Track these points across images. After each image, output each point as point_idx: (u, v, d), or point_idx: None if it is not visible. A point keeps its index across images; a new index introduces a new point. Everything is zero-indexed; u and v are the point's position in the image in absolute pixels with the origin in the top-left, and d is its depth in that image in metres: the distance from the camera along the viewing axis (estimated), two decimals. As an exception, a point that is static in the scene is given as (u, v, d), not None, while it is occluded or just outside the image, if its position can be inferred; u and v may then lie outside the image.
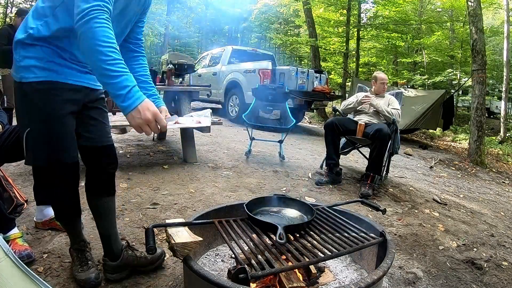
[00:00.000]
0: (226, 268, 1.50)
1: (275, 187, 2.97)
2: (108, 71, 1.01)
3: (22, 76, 1.22)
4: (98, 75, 1.06)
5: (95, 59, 1.01)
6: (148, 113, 1.05)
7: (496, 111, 16.52)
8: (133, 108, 1.04)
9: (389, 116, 3.28)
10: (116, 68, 1.02)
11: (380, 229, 1.46)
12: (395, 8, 11.78)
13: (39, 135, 1.26)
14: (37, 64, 1.21)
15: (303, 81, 6.77)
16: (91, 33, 1.01)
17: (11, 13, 14.64)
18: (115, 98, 1.04)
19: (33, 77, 1.21)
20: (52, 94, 1.25)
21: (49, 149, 1.28)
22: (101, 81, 1.06)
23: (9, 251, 1.03)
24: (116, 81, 1.02)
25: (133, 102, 1.04)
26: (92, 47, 1.00)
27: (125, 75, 1.03)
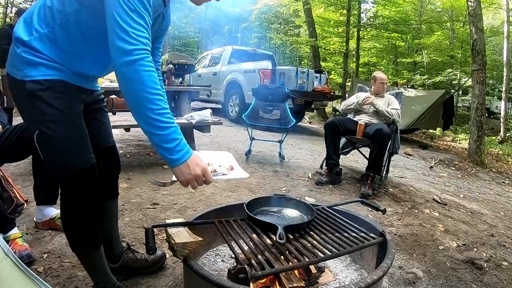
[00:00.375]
0: (226, 268, 1.50)
1: (275, 187, 2.97)
2: (156, 121, 0.95)
3: (26, 73, 1.10)
4: (142, 123, 0.98)
5: (142, 106, 0.95)
6: (198, 168, 1.03)
7: (496, 111, 16.52)
8: (182, 162, 1.00)
9: (389, 116, 3.29)
10: (165, 119, 0.97)
11: (380, 229, 1.46)
12: (395, 8, 11.79)
13: (50, 137, 1.14)
14: (44, 62, 1.11)
15: (303, 81, 6.77)
16: (138, 78, 0.94)
17: (11, 13, 14.63)
18: (161, 150, 0.99)
19: (40, 75, 1.11)
20: (64, 92, 1.15)
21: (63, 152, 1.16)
22: (146, 130, 0.98)
23: (9, 251, 1.03)
24: (165, 133, 0.97)
25: (182, 156, 1.00)
26: (139, 93, 0.94)
27: (173, 126, 0.98)
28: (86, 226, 1.23)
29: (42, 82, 1.11)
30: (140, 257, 1.55)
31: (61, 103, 1.14)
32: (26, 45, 1.10)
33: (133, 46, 0.95)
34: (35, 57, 1.10)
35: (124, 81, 0.97)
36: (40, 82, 1.10)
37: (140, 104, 0.95)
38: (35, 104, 1.12)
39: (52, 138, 1.13)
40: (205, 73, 8.41)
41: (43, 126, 1.13)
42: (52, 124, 1.13)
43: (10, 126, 1.81)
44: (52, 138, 1.13)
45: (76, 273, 1.51)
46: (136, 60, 0.95)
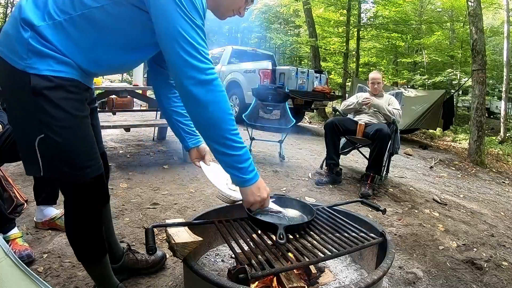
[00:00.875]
0: (226, 268, 1.50)
1: (275, 187, 2.97)
2: (232, 142, 0.94)
3: (31, 64, 0.95)
4: (216, 145, 0.96)
5: (218, 128, 0.93)
6: (265, 192, 1.04)
7: (496, 111, 16.52)
8: (253, 183, 1.01)
9: (390, 116, 3.28)
10: (239, 139, 0.96)
11: (380, 229, 1.46)
12: (395, 8, 11.79)
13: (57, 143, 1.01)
14: (54, 55, 0.97)
15: (303, 81, 6.77)
16: (214, 98, 0.92)
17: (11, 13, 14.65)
18: (234, 170, 0.98)
19: (49, 70, 0.96)
20: (74, 92, 1.03)
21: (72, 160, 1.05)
22: (220, 151, 0.96)
23: (9, 251, 1.03)
24: (240, 153, 0.96)
25: (254, 177, 1.00)
26: (215, 114, 0.92)
27: (245, 146, 0.97)
28: (97, 236, 1.20)
29: (51, 78, 0.97)
30: (140, 258, 1.55)
31: (70, 104, 1.02)
32: (36, 30, 0.95)
33: (206, 65, 0.91)
34: (44, 47, 0.96)
35: (198, 102, 0.92)
36: (48, 78, 0.97)
37: (215, 126, 0.93)
38: (39, 104, 0.98)
39: (59, 144, 1.01)
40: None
41: (48, 131, 1.00)
42: (60, 129, 1.01)
43: (10, 126, 1.81)
44: (59, 144, 1.01)
45: (76, 273, 1.51)
46: (212, 80, 0.91)
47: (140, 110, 4.99)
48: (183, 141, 1.34)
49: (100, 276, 1.28)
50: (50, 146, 1.02)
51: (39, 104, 0.98)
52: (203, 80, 0.91)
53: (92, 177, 1.10)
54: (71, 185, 1.10)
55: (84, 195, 1.11)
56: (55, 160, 1.04)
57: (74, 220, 1.16)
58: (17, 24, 0.96)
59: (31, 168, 1.07)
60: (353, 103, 3.49)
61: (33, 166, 1.04)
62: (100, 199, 1.17)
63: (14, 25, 0.97)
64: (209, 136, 0.97)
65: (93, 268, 1.26)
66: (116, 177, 2.79)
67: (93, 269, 1.27)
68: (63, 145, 1.02)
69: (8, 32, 0.99)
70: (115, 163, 3.20)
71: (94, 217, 1.17)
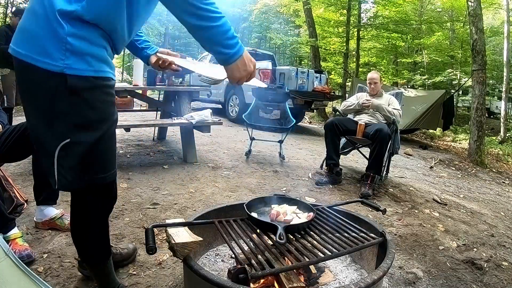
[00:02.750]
0: (226, 268, 1.50)
1: (275, 187, 2.97)
2: (209, 12, 0.85)
3: (71, 64, 0.88)
4: (191, 18, 0.86)
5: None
6: (251, 64, 0.98)
7: (496, 111, 16.52)
8: (238, 57, 0.92)
9: (390, 116, 3.28)
10: (215, 9, 0.86)
11: (380, 229, 1.46)
12: (395, 8, 11.79)
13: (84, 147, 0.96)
14: (93, 51, 0.91)
15: (303, 81, 6.77)
16: None
17: (11, 13, 14.64)
18: (219, 45, 0.89)
19: (89, 70, 0.91)
20: (110, 94, 0.99)
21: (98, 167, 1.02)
22: (197, 25, 0.87)
23: (9, 251, 1.03)
24: (220, 23, 0.86)
25: (238, 50, 0.91)
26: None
27: (223, 16, 0.87)
28: (106, 237, 1.22)
29: (90, 79, 0.92)
30: (115, 252, 1.55)
31: (106, 107, 0.98)
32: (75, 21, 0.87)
33: None
34: (85, 43, 0.89)
35: None
36: (87, 79, 0.91)
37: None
38: (75, 105, 0.91)
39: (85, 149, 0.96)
40: (205, 73, 8.39)
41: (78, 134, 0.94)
42: (91, 133, 0.96)
43: (10, 126, 1.81)
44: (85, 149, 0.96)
45: (76, 273, 1.51)
46: None
47: (140, 110, 4.99)
48: (141, 53, 1.37)
49: (104, 277, 1.28)
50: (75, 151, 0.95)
51: (74, 105, 0.92)
52: None
53: (110, 181, 1.10)
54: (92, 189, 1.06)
55: (103, 197, 1.12)
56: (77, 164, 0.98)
57: (88, 223, 1.14)
58: (49, 21, 0.86)
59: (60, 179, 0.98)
60: (353, 103, 3.49)
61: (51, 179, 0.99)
62: (112, 201, 1.19)
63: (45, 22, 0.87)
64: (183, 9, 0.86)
65: (99, 268, 1.26)
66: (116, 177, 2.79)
67: (98, 269, 1.27)
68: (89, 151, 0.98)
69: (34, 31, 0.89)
70: (115, 163, 3.20)
71: (105, 219, 1.19)
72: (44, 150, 0.97)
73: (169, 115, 3.94)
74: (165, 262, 1.66)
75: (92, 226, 1.15)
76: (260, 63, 6.95)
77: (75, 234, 1.18)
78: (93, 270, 1.27)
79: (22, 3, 14.18)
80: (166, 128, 4.44)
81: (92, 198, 1.09)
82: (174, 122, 3.38)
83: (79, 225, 1.15)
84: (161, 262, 1.66)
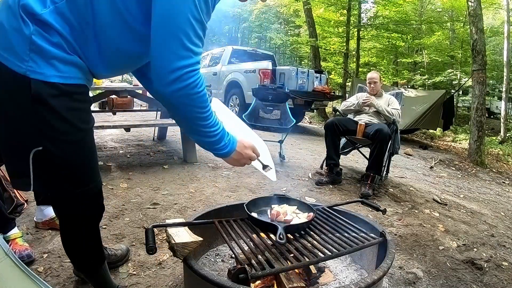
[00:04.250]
0: (226, 268, 1.50)
1: (275, 187, 2.97)
2: (209, 133, 0.96)
3: (34, 68, 0.80)
4: (194, 135, 0.99)
5: (193, 124, 0.93)
6: (247, 150, 1.08)
7: (496, 111, 16.52)
8: (233, 151, 1.04)
9: (390, 116, 3.28)
10: (215, 129, 0.97)
11: (380, 229, 1.46)
12: (395, 8, 11.79)
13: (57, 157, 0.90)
14: (60, 54, 0.83)
15: (303, 81, 6.77)
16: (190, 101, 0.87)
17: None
18: (213, 151, 1.02)
19: (55, 75, 0.83)
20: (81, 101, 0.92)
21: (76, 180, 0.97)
22: (198, 140, 0.99)
23: (9, 251, 1.03)
24: (216, 139, 0.98)
25: (231, 147, 1.03)
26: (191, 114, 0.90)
27: (221, 130, 0.99)
28: (97, 246, 1.19)
29: (57, 85, 0.84)
30: (109, 253, 1.55)
31: (77, 116, 0.91)
32: (40, 22, 0.79)
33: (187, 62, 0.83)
34: (49, 44, 0.81)
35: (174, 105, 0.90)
36: (53, 85, 0.83)
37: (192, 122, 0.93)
38: (41, 114, 0.84)
39: (61, 160, 0.91)
40: (205, 73, 8.41)
41: (49, 144, 0.87)
42: (64, 144, 0.90)
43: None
44: (61, 160, 0.91)
45: (76, 273, 1.51)
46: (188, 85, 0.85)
47: (140, 110, 4.99)
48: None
49: (100, 281, 1.28)
50: (49, 161, 0.90)
51: (40, 114, 0.84)
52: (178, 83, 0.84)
53: (94, 193, 1.06)
54: (70, 201, 1.02)
55: (84, 210, 1.06)
56: (54, 175, 0.93)
57: (78, 233, 1.12)
58: (15, 15, 0.79)
59: (19, 182, 0.93)
60: (353, 103, 3.49)
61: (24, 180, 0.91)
62: (99, 211, 1.14)
63: (11, 16, 0.80)
64: (187, 127, 0.98)
65: (94, 275, 1.26)
66: (116, 177, 2.79)
67: (93, 276, 1.27)
68: (66, 161, 0.92)
69: (3, 23, 0.80)
70: (115, 163, 3.20)
71: (95, 227, 1.16)
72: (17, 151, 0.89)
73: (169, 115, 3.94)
74: (165, 262, 1.66)
75: (82, 236, 1.12)
76: (260, 63, 6.96)
77: (67, 245, 1.16)
78: (89, 277, 1.27)
79: (22, 3, 14.11)
80: (166, 128, 4.44)
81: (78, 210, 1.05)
82: (174, 122, 3.37)
83: (69, 236, 1.13)
84: (161, 262, 1.66)
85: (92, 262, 1.21)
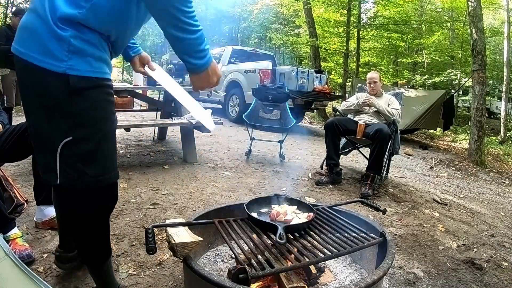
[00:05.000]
0: (226, 268, 1.50)
1: (275, 187, 2.97)
2: (189, 25, 0.90)
3: (73, 65, 0.91)
4: (173, 29, 0.91)
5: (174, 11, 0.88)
6: (215, 77, 1.03)
7: (496, 111, 16.52)
8: (205, 68, 0.99)
9: (390, 116, 3.28)
10: (195, 22, 0.92)
11: (380, 229, 1.46)
12: (395, 8, 11.79)
13: (88, 145, 0.99)
14: (94, 53, 0.95)
15: (303, 81, 6.77)
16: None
17: (11, 13, 14.63)
18: (190, 56, 0.95)
19: (90, 70, 0.94)
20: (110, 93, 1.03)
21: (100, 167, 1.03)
22: (178, 36, 0.92)
23: (9, 251, 1.03)
24: (196, 36, 0.92)
25: (207, 62, 0.98)
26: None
27: (201, 30, 0.93)
28: (107, 236, 1.22)
29: (92, 79, 0.95)
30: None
31: (108, 106, 1.02)
32: (77, 24, 0.91)
33: None
34: (87, 45, 0.93)
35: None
36: (89, 79, 0.95)
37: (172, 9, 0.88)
38: (77, 104, 0.94)
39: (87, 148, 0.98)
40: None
41: (82, 132, 0.97)
42: (96, 131, 0.99)
43: (10, 126, 1.81)
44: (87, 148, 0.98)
45: (76, 273, 1.51)
46: None
47: (140, 110, 4.99)
48: (125, 53, 1.36)
49: (104, 277, 1.28)
50: (78, 149, 0.97)
51: (77, 105, 0.95)
52: None
53: (113, 182, 1.10)
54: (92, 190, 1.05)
55: (103, 199, 1.10)
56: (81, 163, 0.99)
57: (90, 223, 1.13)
58: (49, 24, 0.89)
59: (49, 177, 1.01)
60: (353, 103, 3.49)
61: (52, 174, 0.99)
62: (114, 201, 1.17)
63: (44, 24, 0.90)
64: (165, 20, 0.91)
65: (100, 269, 1.26)
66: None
67: (99, 269, 1.27)
68: (95, 149, 1.00)
69: (37, 32, 0.91)
70: (115, 163, 3.20)
71: (106, 219, 1.18)
72: (46, 146, 0.99)
73: (169, 115, 3.94)
74: (165, 262, 1.66)
75: (94, 226, 1.14)
76: (260, 63, 6.96)
77: (76, 235, 1.18)
78: (94, 270, 1.27)
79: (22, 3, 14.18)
80: (166, 128, 4.44)
81: (93, 199, 1.08)
82: (174, 122, 3.38)
83: (80, 225, 1.14)
84: (161, 262, 1.66)
85: (99, 254, 1.21)
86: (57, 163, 0.98)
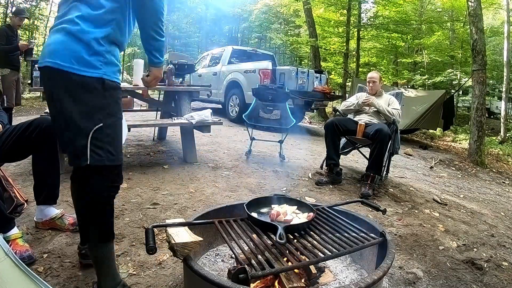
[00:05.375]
0: (226, 268, 1.50)
1: (275, 187, 2.97)
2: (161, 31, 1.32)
3: (107, 72, 1.27)
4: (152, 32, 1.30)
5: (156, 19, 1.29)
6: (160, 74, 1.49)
7: (496, 111, 16.52)
8: (161, 64, 1.41)
9: (390, 116, 3.28)
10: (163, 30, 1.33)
11: (380, 229, 1.46)
12: (395, 8, 11.79)
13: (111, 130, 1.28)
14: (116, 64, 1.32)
15: (303, 81, 6.77)
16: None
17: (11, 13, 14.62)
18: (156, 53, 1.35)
19: (115, 77, 1.31)
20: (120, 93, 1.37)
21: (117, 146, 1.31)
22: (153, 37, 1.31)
23: (9, 251, 1.03)
24: (163, 39, 1.34)
25: (162, 60, 1.40)
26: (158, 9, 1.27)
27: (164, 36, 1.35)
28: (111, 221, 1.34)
29: (116, 82, 1.31)
30: None
31: (120, 102, 1.36)
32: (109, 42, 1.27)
33: None
34: (113, 58, 1.29)
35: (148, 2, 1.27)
36: (114, 82, 1.30)
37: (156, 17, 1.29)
38: (110, 97, 1.28)
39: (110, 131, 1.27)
40: (205, 73, 8.41)
41: (109, 120, 1.26)
42: (116, 120, 1.31)
43: (10, 126, 1.81)
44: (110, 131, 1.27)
45: (76, 273, 1.51)
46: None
47: (140, 110, 4.99)
48: None
49: (106, 263, 1.31)
50: (106, 134, 1.25)
51: (109, 97, 1.27)
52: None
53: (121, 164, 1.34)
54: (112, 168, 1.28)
55: (115, 176, 1.31)
56: (106, 146, 1.25)
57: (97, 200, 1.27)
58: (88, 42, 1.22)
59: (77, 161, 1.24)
60: (353, 103, 3.49)
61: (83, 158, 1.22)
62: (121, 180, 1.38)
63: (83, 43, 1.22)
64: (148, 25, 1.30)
65: (101, 251, 1.30)
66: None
67: (100, 252, 1.30)
68: (115, 134, 1.30)
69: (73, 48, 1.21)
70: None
71: (112, 198, 1.33)
72: (78, 134, 1.22)
73: (169, 115, 3.94)
74: (165, 262, 1.66)
75: (101, 203, 1.28)
76: (260, 63, 6.96)
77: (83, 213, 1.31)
78: (96, 252, 1.30)
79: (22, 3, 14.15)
80: (166, 128, 4.44)
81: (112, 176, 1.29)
82: (174, 122, 3.38)
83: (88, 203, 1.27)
84: (161, 262, 1.66)
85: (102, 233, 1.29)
86: (88, 146, 1.21)
